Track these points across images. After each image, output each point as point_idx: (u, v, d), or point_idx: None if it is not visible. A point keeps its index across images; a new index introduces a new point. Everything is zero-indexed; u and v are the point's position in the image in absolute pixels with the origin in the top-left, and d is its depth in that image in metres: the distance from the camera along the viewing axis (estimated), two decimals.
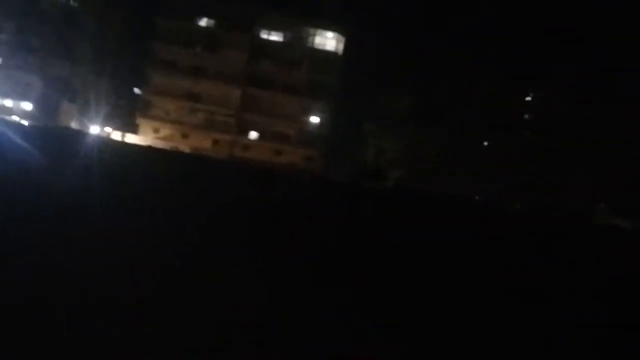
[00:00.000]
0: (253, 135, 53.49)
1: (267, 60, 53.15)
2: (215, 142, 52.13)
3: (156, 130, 51.52)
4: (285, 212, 12.94)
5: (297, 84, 53.21)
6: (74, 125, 48.84)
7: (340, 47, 54.21)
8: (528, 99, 56.17)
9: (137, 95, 54.40)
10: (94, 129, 45.86)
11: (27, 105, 48.69)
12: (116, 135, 47.14)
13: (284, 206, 14.46)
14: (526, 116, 55.98)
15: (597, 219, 40.99)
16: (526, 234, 19.34)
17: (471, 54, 51.39)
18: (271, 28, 53.85)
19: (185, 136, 51.78)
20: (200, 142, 51.06)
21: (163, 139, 49.85)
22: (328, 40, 54.32)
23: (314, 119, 54.37)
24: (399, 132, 56.03)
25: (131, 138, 47.54)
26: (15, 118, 42.47)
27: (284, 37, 54.19)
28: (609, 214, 45.12)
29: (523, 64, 52.70)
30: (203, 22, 53.75)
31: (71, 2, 51.36)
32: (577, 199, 48.45)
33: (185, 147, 48.45)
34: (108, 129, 49.57)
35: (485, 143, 54.35)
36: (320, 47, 54.21)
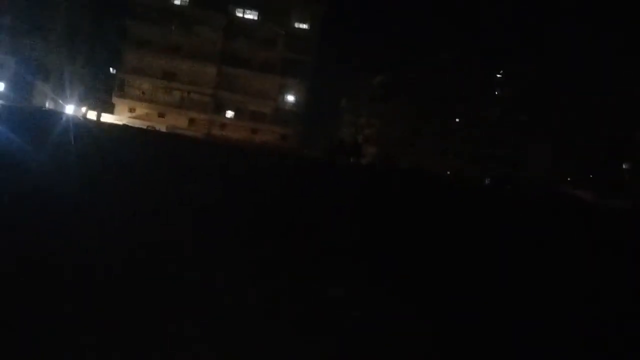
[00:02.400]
0: (229, 114, 53.66)
1: (242, 38, 53.10)
2: (192, 121, 52.24)
3: (132, 110, 51.38)
4: (264, 188, 13.45)
5: (272, 62, 53.35)
6: (48, 105, 48.51)
7: (316, 26, 54.32)
8: (498, 76, 57.24)
9: (113, 74, 54.03)
10: (69, 109, 45.57)
11: (0, 86, 48.09)
12: (92, 115, 46.91)
13: (262, 183, 15.03)
14: (496, 92, 57.08)
15: (561, 191, 42.30)
16: (498, 207, 20.16)
17: (444, 33, 52.03)
18: (246, 6, 53.68)
19: (161, 115, 51.76)
20: (177, 121, 51.11)
21: (139, 118, 49.78)
22: (304, 19, 54.35)
23: (290, 97, 54.66)
24: (375, 109, 56.72)
25: (107, 117, 47.36)
26: None
27: (259, 15, 54.08)
28: (573, 186, 46.67)
29: (493, 43, 53.54)
30: (178, 0, 53.35)
31: None
32: (543, 173, 49.88)
33: (161, 126, 48.48)
34: (83, 109, 49.27)
35: (457, 120, 55.40)
36: (296, 26, 54.28)
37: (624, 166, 49.13)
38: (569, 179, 49.38)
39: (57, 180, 9.39)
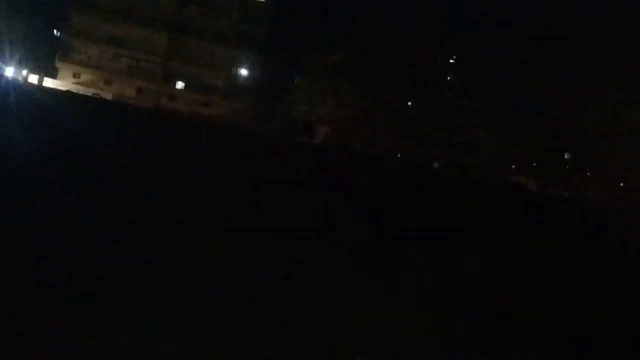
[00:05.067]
0: (179, 85, 52.24)
1: (195, 6, 51.55)
2: (139, 90, 50.53)
3: (76, 75, 49.21)
4: (212, 164, 13.11)
5: (226, 33, 52.10)
6: None
7: None
8: (451, 60, 58.00)
9: (57, 37, 51.48)
10: (9, 72, 43.22)
11: None
12: (33, 79, 44.69)
13: (210, 158, 14.64)
14: (449, 77, 57.87)
15: (507, 177, 43.72)
16: (446, 190, 20.50)
17: (401, 15, 52.15)
18: None
19: (107, 83, 49.81)
20: (124, 90, 49.32)
21: (84, 84, 47.74)
22: None
23: (243, 71, 53.67)
24: (328, 87, 56.51)
25: (50, 82, 45.24)
26: None
27: None
28: (517, 173, 48.33)
29: (448, 26, 54.15)
30: None
31: None
32: (489, 160, 51.33)
33: (107, 94, 46.69)
34: (24, 72, 46.84)
35: (409, 103, 55.89)
36: None
37: (566, 156, 51.11)
38: (513, 166, 51.00)
39: None
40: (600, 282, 8.73)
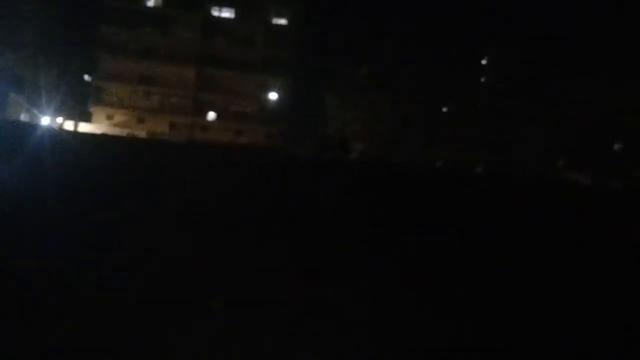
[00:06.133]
0: (211, 115, 52.48)
1: (220, 38, 51.95)
2: (173, 126, 50.97)
3: (110, 117, 50.02)
4: (256, 190, 12.69)
5: (252, 60, 52.28)
6: (23, 117, 46.97)
7: (295, 20, 53.33)
8: (483, 62, 56.78)
9: (88, 82, 52.57)
10: (45, 120, 44.14)
11: None
12: (69, 125, 45.52)
13: (253, 185, 14.18)
14: (482, 79, 56.62)
15: (557, 175, 42.07)
16: (493, 196, 19.58)
17: (425, 20, 51.38)
18: (222, 5, 52.51)
19: (141, 121, 50.44)
20: (157, 126, 49.82)
21: (118, 125, 48.43)
22: (281, 14, 53.34)
23: (273, 95, 53.66)
24: (360, 102, 55.98)
25: (85, 127, 46.01)
26: None
27: (236, 13, 52.94)
28: (568, 169, 46.48)
29: (477, 28, 53.09)
30: (151, 2, 52.01)
31: None
32: (536, 158, 49.60)
33: (141, 132, 47.21)
34: (59, 119, 47.81)
35: (445, 109, 54.84)
36: (274, 22, 53.23)
37: (615, 147, 48.92)
38: (561, 162, 49.15)
39: (37, 194, 8.96)
40: None
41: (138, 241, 6.56)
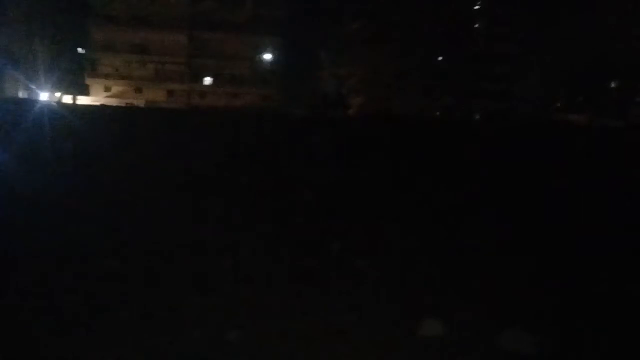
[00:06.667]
0: (207, 80, 52.29)
1: (209, 1, 51.23)
2: (170, 93, 50.89)
3: (107, 89, 49.91)
4: (256, 152, 12.96)
5: (243, 21, 51.66)
6: (21, 94, 46.92)
7: None
8: (476, 7, 55.73)
9: (82, 54, 52.20)
10: (43, 96, 44.11)
11: None
12: (67, 99, 45.50)
13: (253, 147, 14.48)
14: (476, 25, 55.71)
15: (554, 116, 41.97)
16: (494, 140, 19.71)
17: None
18: None
19: (138, 90, 50.32)
20: (155, 95, 49.75)
21: (116, 96, 48.40)
22: None
23: (267, 56, 53.22)
24: (355, 57, 55.39)
25: (83, 100, 46.00)
26: None
27: None
28: (565, 110, 46.30)
29: None
30: None
31: None
32: (533, 102, 49.37)
33: (140, 101, 47.19)
34: (58, 94, 47.73)
35: (440, 58, 54.21)
36: None
37: (612, 85, 48.59)
38: (558, 104, 48.94)
39: (41, 169, 9.20)
40: None
41: (144, 208, 6.85)
